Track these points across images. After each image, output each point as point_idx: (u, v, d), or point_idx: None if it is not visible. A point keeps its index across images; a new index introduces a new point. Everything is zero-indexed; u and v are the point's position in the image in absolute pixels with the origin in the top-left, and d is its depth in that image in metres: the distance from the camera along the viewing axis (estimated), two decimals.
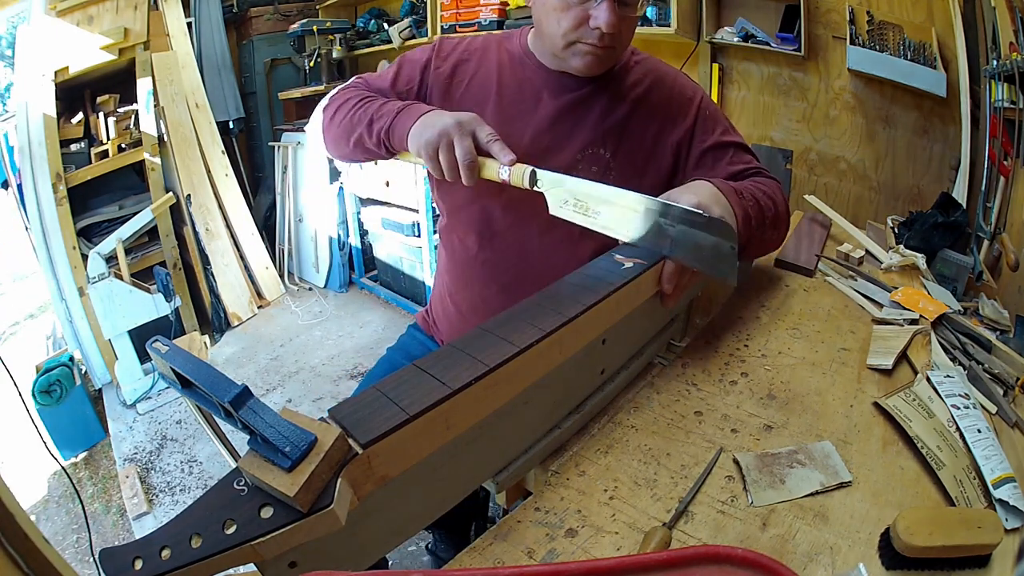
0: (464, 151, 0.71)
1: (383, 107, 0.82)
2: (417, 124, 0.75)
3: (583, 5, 0.78)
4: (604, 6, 0.76)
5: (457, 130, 0.72)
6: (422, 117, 0.75)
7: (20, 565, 0.36)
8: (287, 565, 0.44)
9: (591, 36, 0.80)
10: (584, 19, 0.79)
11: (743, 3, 2.14)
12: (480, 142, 0.73)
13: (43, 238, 2.50)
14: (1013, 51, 1.35)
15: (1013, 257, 1.28)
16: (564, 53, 0.84)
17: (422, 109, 0.78)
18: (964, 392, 0.72)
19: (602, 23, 0.77)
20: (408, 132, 0.76)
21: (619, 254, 0.72)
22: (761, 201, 0.82)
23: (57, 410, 2.28)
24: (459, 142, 0.71)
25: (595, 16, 0.78)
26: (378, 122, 0.81)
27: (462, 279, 1.01)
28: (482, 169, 0.73)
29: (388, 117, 0.80)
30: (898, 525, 0.49)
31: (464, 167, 0.72)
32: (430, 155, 0.73)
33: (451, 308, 1.04)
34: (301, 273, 3.61)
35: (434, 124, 0.73)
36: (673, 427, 0.71)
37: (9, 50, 3.09)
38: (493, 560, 0.54)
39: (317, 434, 0.43)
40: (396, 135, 0.79)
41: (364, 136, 0.83)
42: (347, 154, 0.90)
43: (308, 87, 3.59)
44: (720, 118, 0.95)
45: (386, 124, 0.80)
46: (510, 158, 0.71)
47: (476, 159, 0.72)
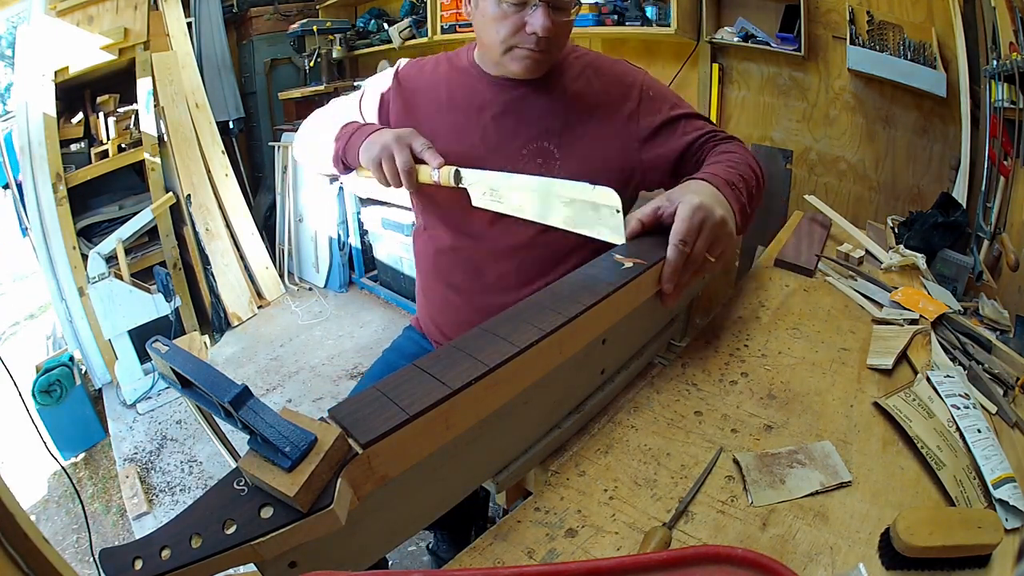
0: (403, 161, 0.82)
1: (342, 131, 0.93)
2: (365, 143, 0.86)
3: (519, 13, 0.84)
4: (539, 12, 0.82)
5: (396, 143, 0.82)
6: (369, 136, 0.86)
7: (20, 565, 0.36)
8: (287, 565, 0.44)
9: (528, 41, 0.86)
10: (520, 25, 0.85)
11: (743, 3, 2.14)
12: (416, 152, 0.83)
13: (43, 238, 2.50)
14: (1013, 51, 1.35)
15: (1013, 257, 1.28)
16: (503, 59, 0.89)
17: (369, 130, 0.88)
18: (964, 392, 0.72)
19: (537, 27, 0.83)
20: (358, 150, 0.87)
21: (619, 254, 0.72)
22: (745, 177, 0.85)
23: (57, 410, 2.28)
24: (398, 154, 0.82)
25: (530, 22, 0.83)
26: (337, 143, 0.93)
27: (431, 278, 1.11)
28: (419, 174, 0.84)
29: (343, 140, 0.91)
30: (898, 525, 0.49)
31: (403, 174, 0.82)
32: (375, 167, 0.84)
33: (424, 302, 1.14)
34: (301, 273, 3.61)
35: (377, 141, 0.84)
36: (673, 427, 0.71)
37: (9, 50, 3.09)
38: (493, 560, 0.54)
39: (317, 434, 0.43)
40: (350, 156, 0.90)
41: (327, 158, 0.95)
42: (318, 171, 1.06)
43: (308, 87, 3.59)
44: (666, 94, 0.99)
45: (341, 146, 0.91)
46: (438, 161, 0.81)
47: (413, 167, 0.82)
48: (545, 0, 0.82)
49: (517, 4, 0.83)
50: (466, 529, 1.34)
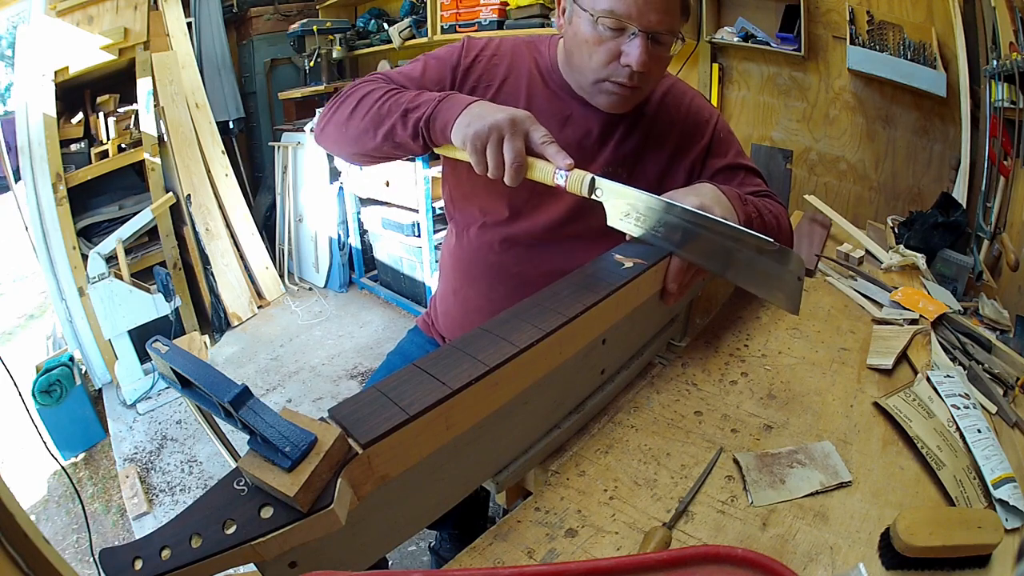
0: (515, 151, 0.68)
1: (419, 97, 0.77)
2: (464, 115, 0.70)
3: (616, 40, 0.76)
4: (637, 42, 0.75)
5: (510, 127, 0.68)
6: (469, 107, 0.71)
7: (20, 565, 0.36)
8: (287, 565, 0.44)
9: (621, 74, 0.78)
10: (616, 55, 0.77)
11: (743, 3, 2.14)
12: (533, 143, 0.70)
13: (43, 238, 2.50)
14: (1013, 51, 1.35)
15: (1013, 257, 1.28)
16: (591, 88, 0.83)
17: (467, 100, 0.73)
18: (964, 392, 0.72)
19: (633, 60, 0.76)
20: (453, 122, 0.71)
21: (619, 254, 0.72)
22: (765, 216, 0.83)
23: (57, 410, 2.28)
24: (510, 140, 0.68)
25: (627, 52, 0.76)
26: (415, 112, 0.75)
27: (469, 276, 1.00)
28: (531, 170, 0.70)
29: (428, 106, 0.74)
30: (898, 525, 0.49)
31: (512, 167, 0.68)
32: (477, 149, 0.69)
33: (454, 305, 1.03)
34: (301, 273, 3.61)
35: (484, 117, 0.68)
36: (673, 427, 0.71)
37: (9, 50, 3.09)
38: (493, 560, 0.54)
39: (317, 434, 0.43)
40: (438, 125, 0.73)
41: (397, 127, 0.77)
42: (371, 148, 0.82)
43: (308, 87, 3.59)
44: (733, 141, 0.97)
45: (426, 112, 0.74)
46: (568, 162, 0.68)
47: (525, 160, 0.69)
48: (645, 30, 0.74)
49: (615, 29, 0.75)
50: (471, 529, 1.33)
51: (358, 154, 0.88)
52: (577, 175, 0.68)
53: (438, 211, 2.78)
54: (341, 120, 0.84)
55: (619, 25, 0.75)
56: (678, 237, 0.69)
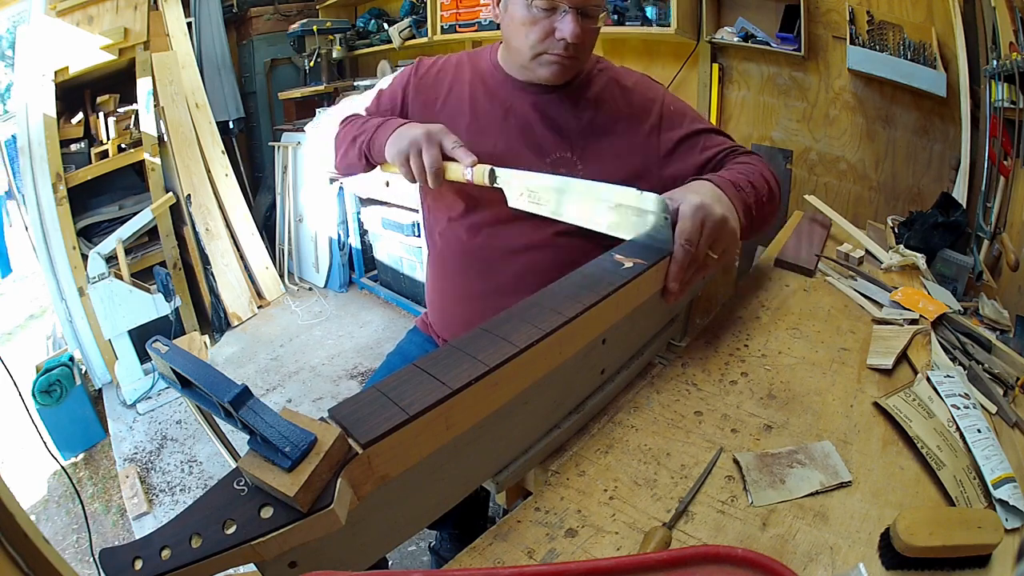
0: (431, 159, 0.80)
1: (365, 124, 0.92)
2: (392, 136, 0.84)
3: (549, 19, 0.84)
4: (568, 18, 0.83)
5: (425, 139, 0.80)
6: (396, 130, 0.84)
7: (20, 565, 0.36)
8: (287, 565, 0.44)
9: (556, 47, 0.86)
10: (550, 31, 0.85)
11: (743, 3, 2.14)
12: (446, 149, 0.81)
13: (43, 238, 2.50)
14: (1013, 51, 1.35)
15: (1013, 257, 1.28)
16: (531, 64, 0.90)
17: (396, 123, 0.86)
18: (964, 392, 0.72)
19: (567, 34, 0.83)
20: (384, 144, 0.84)
21: (619, 254, 0.72)
22: (756, 184, 0.85)
23: (57, 410, 2.28)
24: (427, 150, 0.80)
25: (560, 28, 0.84)
26: (360, 137, 0.90)
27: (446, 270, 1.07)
28: (447, 172, 0.82)
29: (368, 132, 0.89)
30: (898, 525, 0.49)
31: (430, 173, 0.80)
32: (402, 162, 0.82)
33: (438, 300, 1.10)
34: (301, 273, 3.61)
35: (405, 136, 0.81)
36: (673, 427, 0.71)
37: (9, 50, 3.09)
38: (493, 560, 0.54)
39: (317, 434, 0.43)
40: (375, 148, 0.87)
41: (350, 151, 0.93)
42: (343, 169, 1.01)
43: (308, 87, 3.59)
44: (686, 110, 0.99)
45: (366, 139, 0.89)
46: (471, 159, 0.79)
47: (441, 165, 0.81)
48: (575, 7, 0.82)
49: (547, 9, 0.83)
50: (470, 528, 1.33)
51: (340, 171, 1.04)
52: (479, 168, 0.79)
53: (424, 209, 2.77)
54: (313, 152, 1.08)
55: (551, 5, 0.83)
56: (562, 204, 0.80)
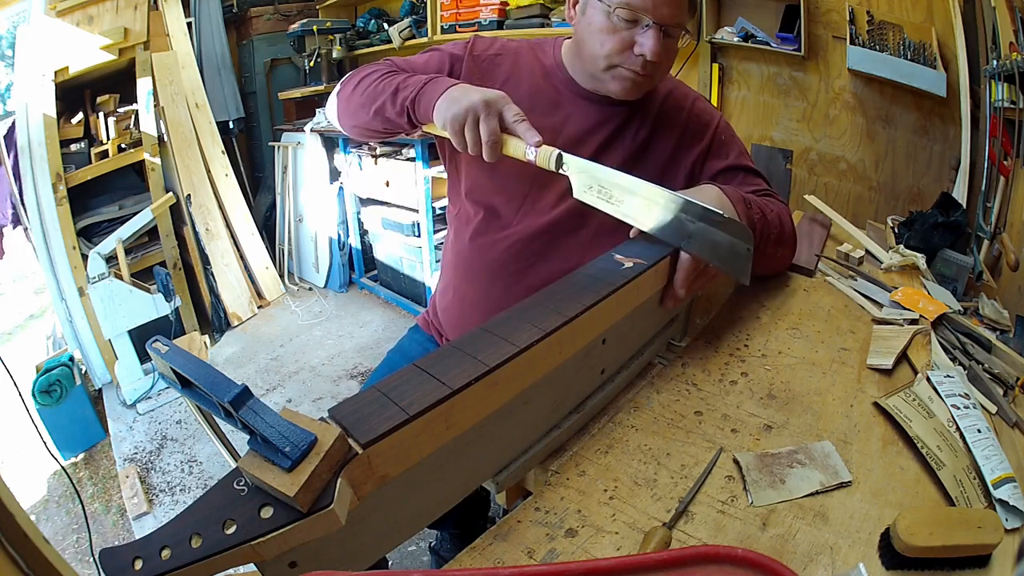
0: (489, 130, 0.72)
1: (409, 79, 0.82)
2: (444, 97, 0.75)
3: (629, 31, 0.80)
4: (650, 34, 0.79)
5: (484, 108, 0.72)
6: (449, 90, 0.75)
7: (20, 565, 0.36)
8: (287, 565, 0.44)
9: (634, 63, 0.82)
10: (629, 44, 0.81)
11: (743, 3, 2.14)
12: (506, 122, 0.73)
13: (43, 238, 2.50)
14: (1013, 51, 1.35)
15: (1013, 257, 1.28)
16: (603, 75, 0.86)
17: (449, 82, 0.78)
18: (964, 392, 0.72)
19: (647, 50, 0.79)
20: (435, 104, 0.76)
21: (619, 254, 0.72)
22: (768, 216, 0.84)
23: (57, 410, 2.28)
24: (485, 120, 0.72)
25: (640, 43, 0.80)
26: (403, 91, 0.81)
27: (467, 274, 1.01)
28: (505, 146, 0.74)
29: (414, 87, 0.80)
30: (898, 525, 0.49)
31: (488, 145, 0.73)
32: (455, 129, 0.73)
33: (453, 301, 1.05)
34: (301, 273, 3.61)
35: (461, 99, 0.73)
36: (673, 427, 0.71)
37: (9, 50, 3.09)
38: (493, 560, 0.54)
39: (317, 434, 0.43)
40: (422, 106, 0.79)
41: (387, 104, 0.83)
42: (365, 123, 0.89)
43: (308, 87, 3.59)
44: (735, 143, 0.98)
45: (411, 94, 0.79)
46: (536, 139, 0.72)
47: (500, 138, 0.73)
48: (658, 23, 0.78)
49: (629, 21, 0.79)
50: (470, 528, 1.33)
51: (355, 127, 0.93)
52: (545, 151, 0.72)
53: (438, 211, 2.78)
54: (344, 96, 0.91)
55: (633, 17, 0.79)
56: (635, 208, 0.73)
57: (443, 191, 2.77)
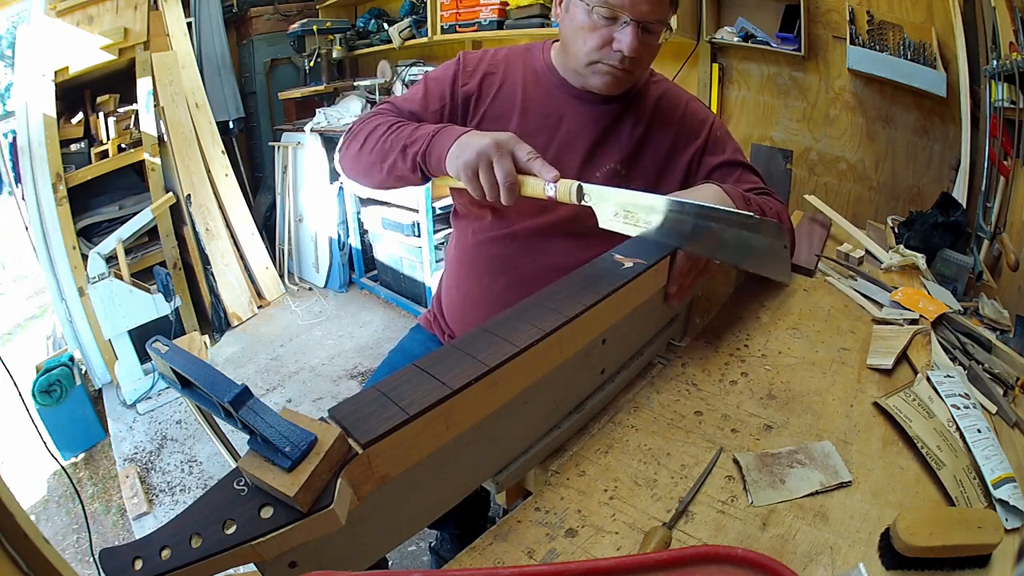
0: (504, 172, 0.71)
1: (416, 131, 0.82)
2: (455, 146, 0.75)
3: (609, 28, 0.82)
4: (628, 30, 0.81)
5: (496, 150, 0.71)
6: (459, 139, 0.75)
7: (20, 565, 0.36)
8: (287, 565, 0.44)
9: (613, 58, 0.84)
10: (608, 41, 0.83)
11: (743, 3, 2.14)
12: (520, 161, 0.73)
13: (43, 238, 2.50)
14: (1013, 51, 1.35)
15: (1013, 257, 1.28)
16: (585, 71, 0.88)
17: (458, 131, 0.77)
18: (964, 392, 0.72)
19: (624, 46, 0.82)
20: (445, 155, 0.75)
21: (619, 254, 0.72)
22: (767, 214, 0.85)
23: (57, 410, 2.28)
24: (499, 163, 0.71)
25: (619, 39, 0.82)
26: (412, 147, 0.81)
27: (472, 270, 1.03)
28: (523, 187, 0.73)
29: (423, 141, 0.79)
30: (898, 525, 0.49)
31: (504, 187, 0.71)
32: (469, 176, 0.72)
33: (457, 297, 1.06)
34: (301, 273, 3.61)
35: (472, 145, 0.72)
36: (673, 427, 0.71)
37: (9, 50, 3.08)
38: (493, 560, 0.54)
39: (317, 434, 0.43)
40: (433, 159, 0.78)
41: (398, 162, 0.83)
42: (379, 181, 0.90)
43: (308, 87, 3.59)
44: (730, 141, 1.00)
45: (422, 148, 0.79)
46: (553, 175, 0.70)
47: (516, 179, 0.72)
48: (636, 20, 0.81)
49: (608, 18, 0.81)
50: (471, 528, 1.33)
51: (372, 184, 0.94)
52: (565, 184, 0.70)
53: (438, 211, 2.78)
54: (354, 155, 0.91)
55: (612, 14, 0.81)
56: (666, 227, 0.71)
57: (443, 191, 2.77)
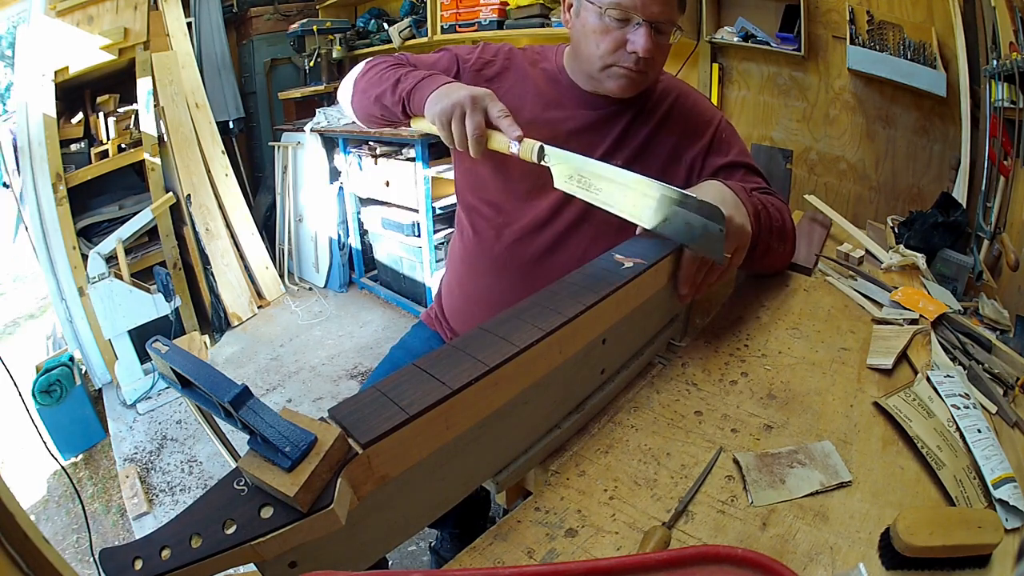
0: (474, 124, 0.75)
1: (411, 73, 0.87)
2: (435, 92, 0.79)
3: (622, 30, 0.83)
4: (641, 31, 0.82)
5: (471, 103, 0.75)
6: (441, 87, 0.79)
7: (20, 565, 0.36)
8: (287, 565, 0.44)
9: (627, 60, 0.85)
10: (622, 43, 0.84)
11: (743, 3, 2.14)
12: (491, 117, 0.76)
13: (43, 238, 2.50)
14: (1013, 51, 1.35)
15: (1013, 257, 1.28)
16: (600, 75, 0.88)
17: (442, 80, 0.81)
18: (964, 392, 0.72)
19: (639, 48, 0.82)
20: (426, 99, 0.79)
21: (619, 254, 0.72)
22: (771, 211, 0.86)
23: (57, 410, 2.28)
24: (471, 115, 0.75)
25: (632, 41, 0.83)
26: (403, 83, 0.85)
27: (474, 268, 1.03)
28: (490, 140, 0.77)
29: (412, 80, 0.84)
30: (898, 525, 0.49)
31: (472, 139, 0.76)
32: (443, 123, 0.77)
33: (459, 297, 1.07)
34: (301, 273, 3.62)
35: (449, 95, 0.76)
36: (673, 427, 0.71)
37: (9, 50, 3.09)
38: (493, 560, 0.54)
39: (317, 434, 0.43)
40: (415, 99, 0.82)
41: (387, 92, 0.87)
42: (366, 107, 0.94)
43: (308, 87, 3.59)
44: (736, 142, 0.99)
45: (408, 86, 0.84)
46: (518, 134, 0.75)
47: (484, 132, 0.76)
48: (649, 21, 0.81)
49: (620, 20, 0.82)
50: (471, 528, 1.33)
51: (359, 111, 0.98)
52: (528, 143, 0.75)
53: (438, 211, 2.78)
54: (353, 79, 0.97)
55: (624, 16, 0.82)
56: (614, 196, 0.75)
57: (443, 191, 2.77)
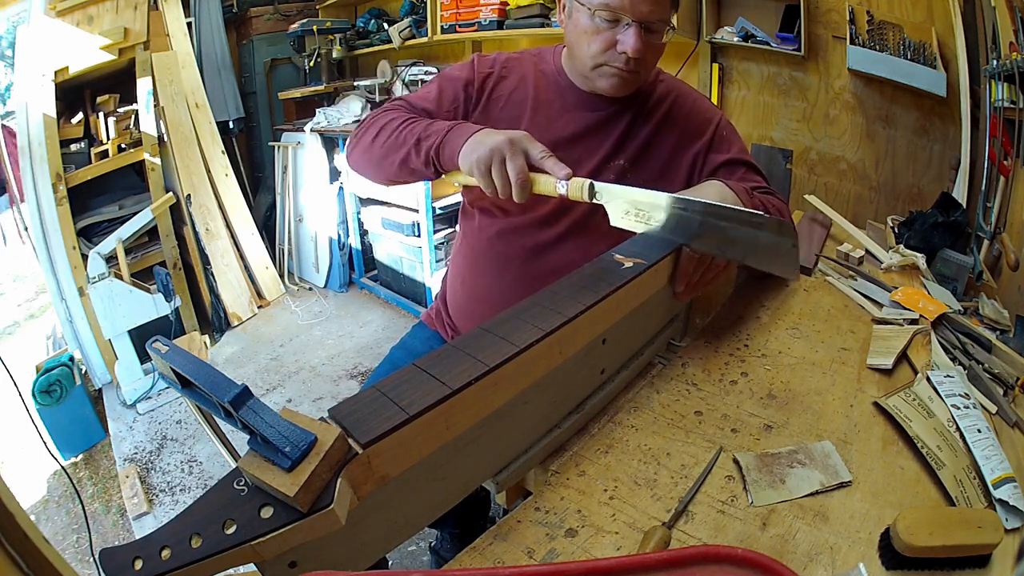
0: (517, 169, 0.72)
1: (430, 126, 0.83)
2: (469, 143, 0.75)
3: (612, 30, 0.83)
4: (631, 32, 0.81)
5: (509, 148, 0.72)
6: (473, 136, 0.76)
7: (20, 565, 0.36)
8: (287, 565, 0.44)
9: (618, 60, 0.85)
10: (612, 43, 0.84)
11: (743, 3, 2.14)
12: (533, 159, 0.73)
13: (43, 238, 2.50)
14: (1013, 51, 1.35)
15: (1013, 257, 1.28)
16: (592, 74, 0.89)
17: (471, 128, 0.78)
18: (964, 392, 0.72)
19: (628, 48, 0.82)
20: (459, 151, 0.76)
21: (619, 254, 0.72)
22: (770, 210, 0.85)
23: (57, 410, 2.28)
24: (511, 160, 0.72)
25: (622, 41, 0.83)
26: (426, 141, 0.81)
27: (477, 266, 1.03)
28: (535, 184, 0.73)
29: (437, 136, 0.80)
30: (898, 525, 0.49)
31: (516, 185, 0.72)
32: (483, 173, 0.73)
33: (462, 295, 1.07)
34: (301, 273, 3.61)
35: (485, 143, 0.73)
36: (673, 427, 0.71)
37: (9, 50, 3.09)
38: (493, 560, 0.54)
39: (317, 434, 0.43)
40: (445, 154, 0.79)
41: (411, 155, 0.83)
42: (390, 174, 0.90)
43: (308, 87, 3.59)
44: (736, 140, 1.00)
45: (435, 143, 0.80)
46: (566, 172, 0.71)
47: (528, 176, 0.73)
48: (638, 21, 0.81)
49: (610, 21, 0.82)
50: (471, 528, 1.33)
51: (381, 178, 0.94)
52: (576, 182, 0.71)
53: (438, 211, 2.78)
54: (365, 146, 0.92)
55: (614, 17, 0.82)
56: (675, 225, 0.72)
57: (443, 191, 2.77)
